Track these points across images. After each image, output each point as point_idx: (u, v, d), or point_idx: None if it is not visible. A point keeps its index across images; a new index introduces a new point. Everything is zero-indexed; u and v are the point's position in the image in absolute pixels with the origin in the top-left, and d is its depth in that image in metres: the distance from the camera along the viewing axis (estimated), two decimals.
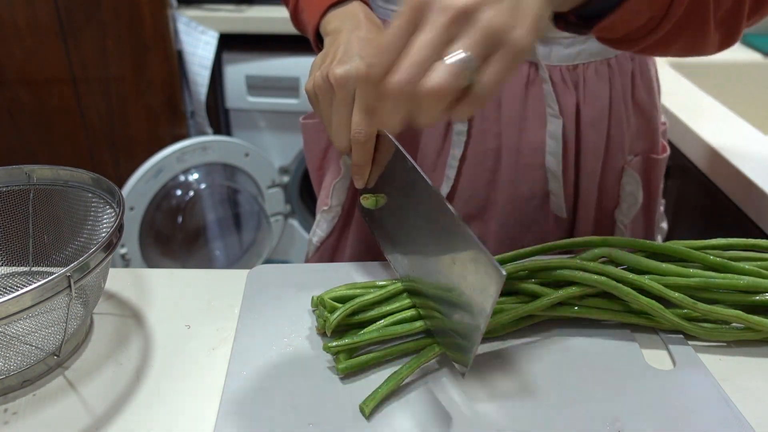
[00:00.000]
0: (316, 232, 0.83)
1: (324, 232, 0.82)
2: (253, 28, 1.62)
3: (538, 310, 0.53)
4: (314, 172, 0.83)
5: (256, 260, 1.87)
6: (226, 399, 0.47)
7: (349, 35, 0.57)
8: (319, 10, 0.63)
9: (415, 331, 0.52)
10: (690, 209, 1.06)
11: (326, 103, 0.56)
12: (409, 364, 0.49)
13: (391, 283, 0.55)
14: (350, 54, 0.55)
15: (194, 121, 1.74)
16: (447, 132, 0.72)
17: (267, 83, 1.68)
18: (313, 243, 0.83)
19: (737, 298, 0.55)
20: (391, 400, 0.48)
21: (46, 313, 0.48)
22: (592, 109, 0.69)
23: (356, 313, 0.52)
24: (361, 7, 0.61)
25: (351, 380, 0.49)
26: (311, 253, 0.85)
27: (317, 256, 0.84)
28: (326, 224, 0.81)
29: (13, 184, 0.59)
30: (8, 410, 0.48)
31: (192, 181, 1.73)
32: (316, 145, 0.81)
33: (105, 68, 1.59)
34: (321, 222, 0.82)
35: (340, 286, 0.55)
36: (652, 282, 0.53)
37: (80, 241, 0.61)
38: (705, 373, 0.51)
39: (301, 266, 0.64)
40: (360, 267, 0.63)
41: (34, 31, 1.52)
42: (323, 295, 0.53)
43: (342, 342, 0.49)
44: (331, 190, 0.78)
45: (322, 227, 0.82)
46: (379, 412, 0.46)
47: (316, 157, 0.82)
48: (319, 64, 0.58)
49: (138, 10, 1.53)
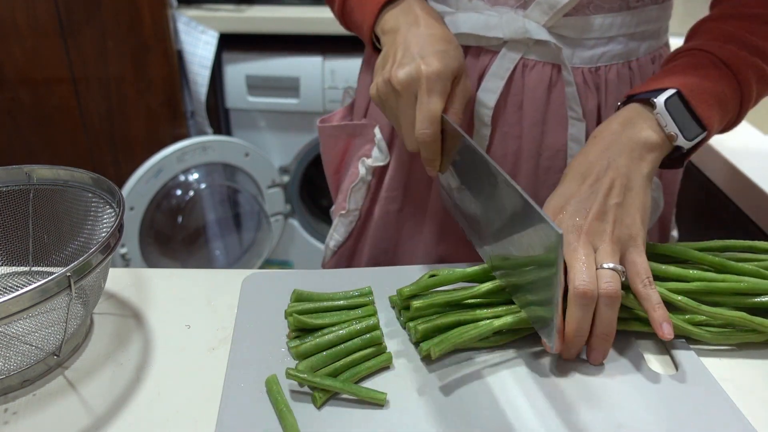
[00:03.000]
0: (333, 236, 0.81)
1: (341, 236, 0.81)
2: (253, 28, 1.62)
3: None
4: (331, 176, 0.83)
5: (256, 260, 1.87)
6: (226, 399, 0.47)
7: (407, 33, 0.58)
8: (374, 9, 0.63)
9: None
10: (690, 209, 1.06)
11: (392, 106, 0.58)
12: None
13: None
14: (410, 55, 0.56)
15: (194, 121, 1.74)
16: (469, 135, 0.70)
17: (267, 83, 1.68)
18: (330, 247, 0.82)
19: (738, 300, 0.55)
20: (407, 392, 0.48)
21: (46, 313, 0.48)
22: (613, 112, 0.68)
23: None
24: (417, 3, 0.61)
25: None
26: (328, 257, 0.84)
27: (334, 261, 0.83)
28: (344, 228, 0.80)
29: (13, 184, 0.59)
30: (8, 410, 0.48)
31: (192, 181, 1.73)
32: (333, 149, 0.80)
33: (105, 68, 1.59)
34: (338, 226, 0.81)
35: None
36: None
37: (80, 241, 0.61)
38: (707, 376, 0.51)
39: (294, 272, 0.63)
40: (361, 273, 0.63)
41: (34, 31, 1.52)
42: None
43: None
44: (349, 194, 0.77)
45: (339, 231, 0.81)
46: (389, 407, 0.47)
47: (334, 160, 0.81)
48: (381, 67, 0.58)
49: (138, 10, 1.53)
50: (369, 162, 0.75)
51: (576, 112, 0.67)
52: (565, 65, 0.65)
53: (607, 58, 0.66)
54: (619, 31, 0.65)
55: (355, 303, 0.55)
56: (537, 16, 0.63)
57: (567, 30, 0.64)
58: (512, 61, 0.65)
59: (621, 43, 0.66)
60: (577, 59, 0.66)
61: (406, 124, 0.57)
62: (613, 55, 0.66)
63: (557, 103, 0.67)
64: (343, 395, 0.48)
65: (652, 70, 0.70)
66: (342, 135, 0.79)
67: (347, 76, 1.64)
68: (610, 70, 0.67)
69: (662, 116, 0.56)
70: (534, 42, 0.64)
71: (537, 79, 0.66)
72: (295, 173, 1.83)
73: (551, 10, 0.62)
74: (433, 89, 0.55)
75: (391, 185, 0.75)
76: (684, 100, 0.56)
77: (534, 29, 0.63)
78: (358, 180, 0.76)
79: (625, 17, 0.65)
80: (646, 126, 0.56)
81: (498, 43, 0.65)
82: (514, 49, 0.65)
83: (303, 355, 0.50)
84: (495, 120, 0.68)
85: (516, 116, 0.68)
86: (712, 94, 0.57)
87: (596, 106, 0.68)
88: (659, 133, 0.56)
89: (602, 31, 0.65)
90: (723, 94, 0.57)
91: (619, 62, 0.67)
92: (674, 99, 0.56)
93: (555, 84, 0.66)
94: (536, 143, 0.69)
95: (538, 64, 0.65)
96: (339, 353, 0.50)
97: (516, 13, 0.64)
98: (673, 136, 0.56)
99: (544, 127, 0.68)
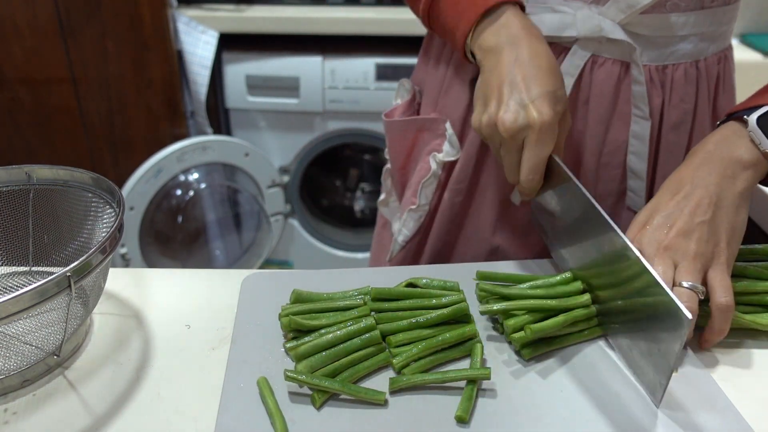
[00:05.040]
0: (402, 231, 0.81)
1: (411, 231, 0.80)
2: (253, 28, 1.62)
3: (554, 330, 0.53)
4: (397, 171, 0.82)
5: (256, 260, 1.87)
6: (225, 399, 0.47)
7: (510, 61, 0.56)
8: (471, 19, 0.59)
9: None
10: None
11: (496, 143, 0.58)
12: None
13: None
14: (518, 95, 0.54)
15: (194, 121, 1.74)
16: None
17: (267, 83, 1.68)
18: (399, 242, 0.82)
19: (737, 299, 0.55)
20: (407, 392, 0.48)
21: (46, 313, 0.48)
22: (677, 111, 0.68)
23: None
24: (516, 18, 0.58)
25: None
26: (396, 251, 0.83)
27: (401, 255, 0.83)
28: (413, 223, 0.80)
29: (13, 184, 0.59)
30: (8, 410, 0.48)
31: (192, 180, 1.73)
32: (401, 144, 0.79)
33: (105, 68, 1.59)
34: (408, 221, 0.80)
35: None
36: None
37: (80, 241, 0.61)
38: (707, 376, 0.51)
39: (294, 272, 0.63)
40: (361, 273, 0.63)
41: (34, 31, 1.52)
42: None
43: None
44: (420, 188, 0.76)
45: (408, 226, 0.80)
46: (389, 406, 0.47)
47: (401, 155, 0.80)
48: (483, 98, 0.57)
49: (138, 10, 1.53)
50: (440, 157, 0.74)
51: (642, 111, 0.66)
52: (636, 64, 0.64)
53: (677, 57, 0.66)
54: (692, 30, 0.65)
55: (355, 303, 0.55)
56: (613, 13, 0.62)
57: (642, 28, 0.63)
58: (583, 59, 0.65)
59: (692, 43, 0.65)
60: (645, 57, 0.65)
61: (509, 164, 0.58)
62: (682, 54, 0.66)
63: (624, 100, 0.66)
64: (343, 395, 0.48)
65: (717, 71, 0.70)
66: (411, 129, 0.78)
67: (347, 75, 1.64)
68: (678, 69, 0.66)
69: (755, 134, 0.55)
70: (607, 39, 0.63)
71: (606, 75, 0.65)
72: (295, 173, 1.83)
73: (630, 9, 0.61)
74: (544, 139, 0.54)
75: (459, 178, 0.74)
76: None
77: (609, 27, 0.62)
78: (430, 175, 0.75)
79: (698, 16, 0.64)
80: (741, 144, 0.56)
81: (570, 40, 0.65)
82: (585, 46, 0.64)
83: (302, 356, 0.50)
84: None
85: (582, 111, 0.67)
86: None
87: (660, 104, 0.67)
88: (754, 151, 0.55)
89: (676, 29, 0.64)
90: None
91: (687, 61, 0.67)
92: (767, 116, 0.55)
93: (623, 81, 0.66)
94: (599, 139, 0.68)
95: (608, 61, 0.65)
96: (338, 353, 0.50)
97: (591, 10, 0.63)
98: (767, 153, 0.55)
99: (609, 124, 0.68)
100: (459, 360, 0.52)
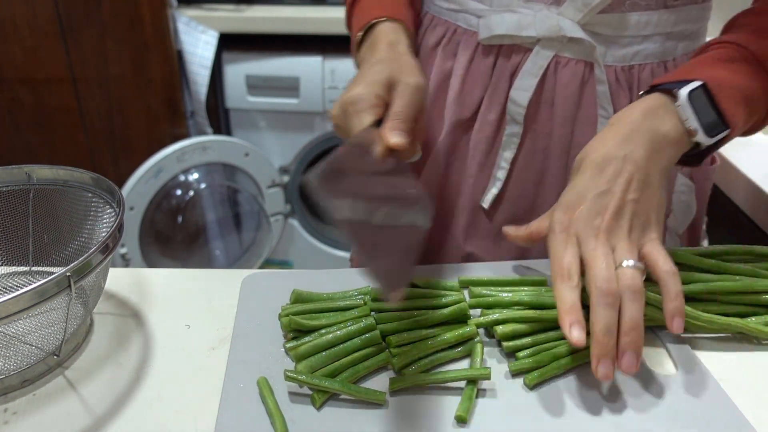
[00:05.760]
0: None
1: None
2: (253, 28, 1.62)
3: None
4: None
5: (256, 260, 1.86)
6: (225, 399, 0.48)
7: (359, 73, 0.58)
8: (360, 26, 0.65)
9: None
10: None
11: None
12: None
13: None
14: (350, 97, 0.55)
15: (194, 121, 1.74)
16: (497, 134, 0.70)
17: (267, 83, 1.68)
18: None
19: (736, 299, 0.55)
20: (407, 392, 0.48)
21: (46, 313, 0.48)
22: None
23: None
24: (386, 35, 0.62)
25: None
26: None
27: None
28: None
29: (13, 184, 0.59)
30: (8, 410, 0.48)
31: (192, 180, 1.73)
32: None
33: (105, 68, 1.59)
34: None
35: None
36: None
37: (80, 241, 0.61)
38: (707, 376, 0.51)
39: (294, 272, 0.63)
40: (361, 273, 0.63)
41: (34, 31, 1.52)
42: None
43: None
44: None
45: None
46: (389, 406, 0.47)
47: None
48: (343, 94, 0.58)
49: (138, 10, 1.53)
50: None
51: (607, 111, 0.65)
52: (598, 63, 0.64)
53: (642, 57, 0.65)
54: (656, 29, 0.64)
55: (355, 303, 0.55)
56: (571, 13, 0.62)
57: (602, 27, 0.63)
58: (546, 59, 0.65)
59: (657, 42, 0.64)
60: (610, 57, 0.65)
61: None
62: (647, 54, 0.65)
63: (589, 101, 0.66)
64: (343, 395, 0.48)
65: None
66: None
67: (347, 75, 1.64)
68: (644, 70, 0.65)
69: (684, 109, 0.53)
70: (568, 39, 0.63)
71: (570, 76, 0.65)
72: (295, 173, 1.83)
73: (586, 8, 0.61)
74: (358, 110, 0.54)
75: (426, 180, 0.75)
76: (709, 94, 0.53)
77: (568, 27, 0.62)
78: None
79: (662, 15, 0.63)
80: (668, 118, 0.53)
81: (531, 41, 0.65)
82: (547, 46, 0.64)
83: (302, 356, 0.50)
84: (526, 117, 0.67)
85: (547, 114, 0.67)
86: (740, 89, 0.54)
87: (627, 105, 0.67)
88: (679, 128, 0.53)
89: (638, 29, 0.63)
90: (752, 92, 0.55)
91: (654, 62, 0.66)
92: (698, 92, 0.53)
93: (587, 82, 0.65)
94: (566, 141, 0.68)
95: (571, 62, 0.65)
96: (338, 353, 0.50)
97: (550, 11, 0.63)
98: (693, 131, 0.53)
99: (574, 125, 0.67)
100: (459, 360, 0.52)
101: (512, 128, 0.68)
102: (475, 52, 0.68)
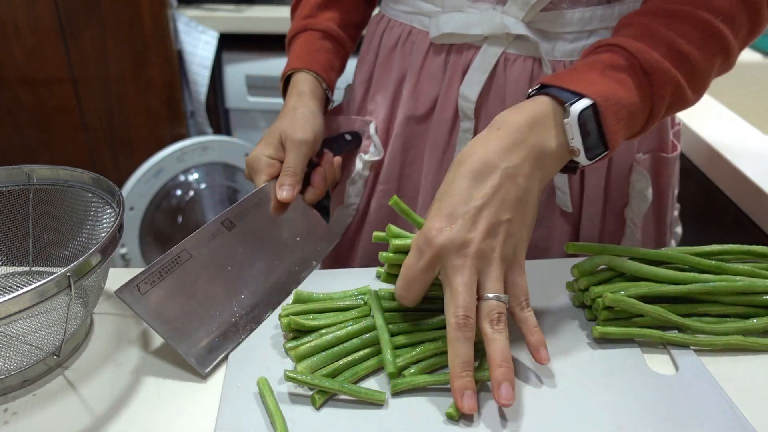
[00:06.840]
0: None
1: (341, 229, 0.83)
2: (253, 28, 1.62)
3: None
4: None
5: None
6: (225, 399, 0.48)
7: (272, 125, 0.70)
8: (282, 76, 0.76)
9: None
10: (689, 209, 1.06)
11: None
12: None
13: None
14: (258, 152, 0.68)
15: (194, 121, 1.74)
16: (453, 129, 0.72)
17: (267, 83, 1.68)
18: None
19: (736, 299, 0.55)
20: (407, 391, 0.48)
21: (46, 313, 0.48)
22: None
23: None
24: (295, 87, 0.74)
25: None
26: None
27: (332, 254, 0.83)
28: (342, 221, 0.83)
29: (13, 184, 0.59)
30: (8, 410, 0.48)
31: (192, 180, 1.73)
32: None
33: (105, 68, 1.59)
34: (338, 219, 0.83)
35: None
36: (660, 310, 0.54)
37: (80, 241, 0.61)
38: (707, 376, 0.51)
39: None
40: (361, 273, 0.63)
41: (34, 31, 1.52)
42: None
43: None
44: (346, 187, 0.80)
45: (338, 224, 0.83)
46: (389, 406, 0.47)
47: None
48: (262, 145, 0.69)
49: (138, 10, 1.53)
50: (366, 157, 0.78)
51: None
52: (543, 59, 0.65)
53: None
54: (600, 24, 0.65)
55: (355, 303, 0.55)
56: (515, 11, 0.64)
57: (546, 24, 0.65)
58: (494, 56, 0.67)
59: (604, 36, 0.66)
60: (558, 52, 0.66)
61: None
62: None
63: None
64: (343, 396, 0.48)
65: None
66: (342, 129, 0.82)
67: (347, 75, 1.63)
68: None
69: (572, 128, 0.51)
70: (514, 37, 0.65)
71: (519, 72, 0.67)
72: None
73: (526, 6, 0.63)
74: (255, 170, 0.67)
75: (386, 178, 0.78)
76: (598, 114, 0.51)
77: (512, 24, 0.64)
78: (354, 174, 0.79)
79: (605, 10, 0.65)
80: (554, 133, 0.51)
81: (479, 39, 0.67)
82: (495, 44, 0.66)
83: (302, 356, 0.50)
84: (478, 114, 0.69)
85: (499, 109, 0.66)
86: (625, 106, 0.52)
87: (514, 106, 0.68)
88: (563, 143, 0.52)
89: (582, 24, 0.65)
90: (635, 107, 0.53)
91: None
92: (588, 112, 0.51)
93: (536, 77, 0.67)
94: None
95: (520, 58, 0.67)
96: (338, 353, 0.50)
97: (495, 10, 0.65)
98: (575, 150, 0.52)
99: None
100: None
101: (465, 124, 0.70)
102: (428, 51, 0.71)
